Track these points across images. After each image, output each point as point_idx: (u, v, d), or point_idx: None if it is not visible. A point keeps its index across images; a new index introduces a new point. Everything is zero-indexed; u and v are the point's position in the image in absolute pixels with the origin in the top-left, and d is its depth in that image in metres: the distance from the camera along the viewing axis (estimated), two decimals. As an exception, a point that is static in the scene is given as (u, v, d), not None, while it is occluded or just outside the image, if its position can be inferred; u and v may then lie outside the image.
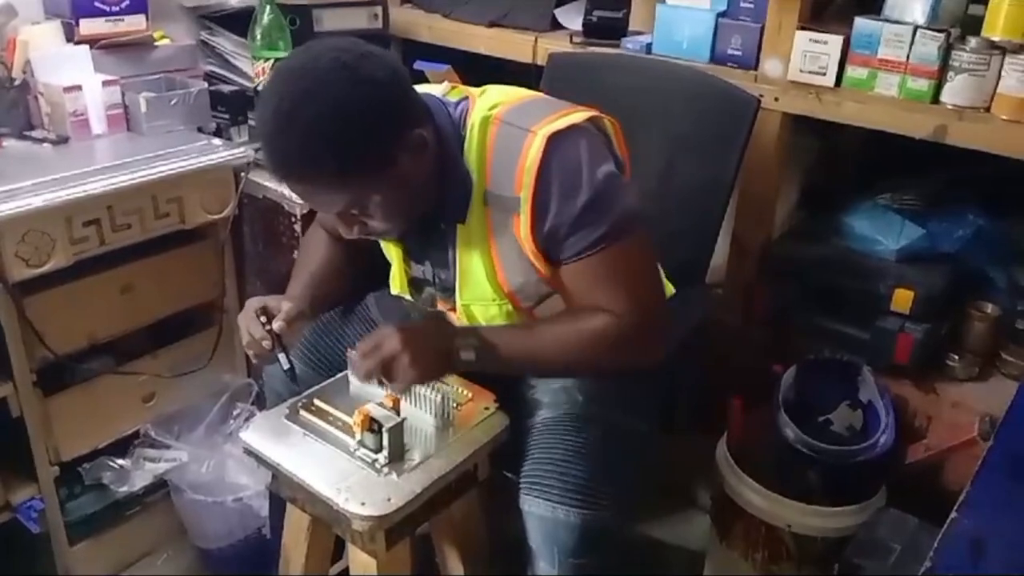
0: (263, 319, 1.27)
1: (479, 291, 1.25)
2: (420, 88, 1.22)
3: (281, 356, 1.28)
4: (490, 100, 1.20)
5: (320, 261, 1.42)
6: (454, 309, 1.33)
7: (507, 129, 1.15)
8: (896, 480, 1.59)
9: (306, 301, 1.33)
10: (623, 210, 1.16)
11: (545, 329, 1.22)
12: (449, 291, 1.30)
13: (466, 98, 1.22)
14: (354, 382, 1.34)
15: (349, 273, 1.43)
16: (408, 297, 1.39)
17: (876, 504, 1.55)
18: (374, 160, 1.08)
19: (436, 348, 1.17)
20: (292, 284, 1.39)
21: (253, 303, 1.29)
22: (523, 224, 1.15)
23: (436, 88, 1.27)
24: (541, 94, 1.26)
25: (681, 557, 1.87)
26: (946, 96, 1.56)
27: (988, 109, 1.53)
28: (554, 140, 1.12)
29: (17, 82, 1.66)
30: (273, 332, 1.26)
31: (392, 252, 1.36)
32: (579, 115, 1.18)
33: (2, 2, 1.67)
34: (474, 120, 1.17)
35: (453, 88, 1.27)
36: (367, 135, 1.05)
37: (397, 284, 1.38)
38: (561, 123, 1.14)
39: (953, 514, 1.03)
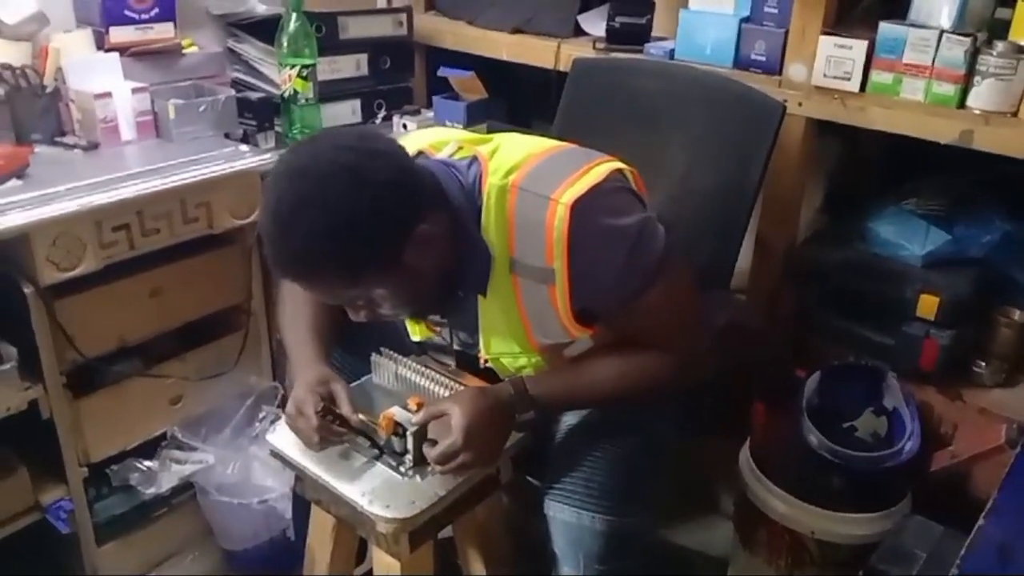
0: (328, 416, 1.21)
1: (506, 348, 1.24)
2: (428, 154, 1.22)
3: (362, 439, 1.24)
4: (503, 163, 1.16)
5: (315, 313, 1.33)
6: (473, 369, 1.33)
7: (526, 197, 1.13)
8: (921, 487, 1.58)
9: (330, 369, 1.27)
10: (658, 254, 1.15)
11: (595, 370, 1.21)
12: (472, 347, 1.29)
13: (475, 159, 1.20)
14: (379, 385, 1.36)
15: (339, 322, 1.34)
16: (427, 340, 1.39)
17: (901, 511, 1.54)
18: (376, 263, 1.06)
19: (497, 432, 1.17)
20: (301, 352, 1.30)
21: (307, 402, 1.19)
22: (560, 295, 1.13)
23: (444, 148, 1.25)
24: (554, 146, 1.23)
25: (704, 563, 1.87)
26: (972, 101, 1.55)
27: (1015, 114, 1.52)
28: (578, 208, 1.09)
29: (49, 89, 1.69)
30: (351, 426, 1.22)
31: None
32: (597, 172, 1.14)
33: (34, 10, 1.70)
34: (489, 189, 1.14)
35: (459, 148, 1.24)
36: (367, 241, 1.03)
37: (418, 332, 1.37)
38: (581, 187, 1.11)
39: (980, 521, 1.02)
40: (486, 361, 1.27)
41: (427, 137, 1.30)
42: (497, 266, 1.16)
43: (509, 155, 1.18)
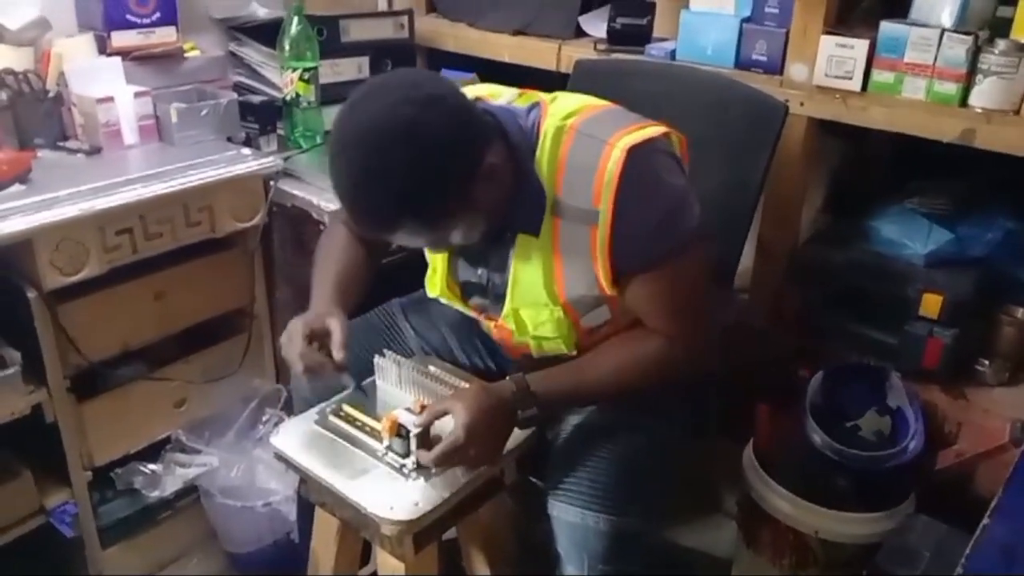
0: (315, 344, 1.24)
1: (532, 298, 1.24)
2: (486, 100, 1.23)
3: (345, 376, 1.28)
4: (563, 108, 1.19)
5: (346, 264, 1.39)
6: (495, 317, 1.32)
7: (583, 139, 1.15)
8: (926, 487, 1.57)
9: (341, 307, 1.31)
10: (691, 227, 1.17)
11: (597, 364, 1.22)
12: (500, 297, 1.29)
13: (537, 104, 1.22)
14: (381, 387, 1.36)
15: (372, 275, 1.42)
16: (446, 301, 1.38)
17: (905, 511, 1.53)
18: (451, 206, 1.09)
19: (499, 430, 1.18)
20: (320, 290, 1.35)
21: (297, 329, 1.24)
22: (601, 237, 1.14)
23: (504, 95, 1.26)
24: (612, 104, 1.25)
25: (708, 563, 1.87)
26: (974, 99, 1.55)
27: (1018, 112, 1.52)
28: (633, 153, 1.11)
29: (51, 94, 1.69)
30: (334, 361, 1.24)
31: (436, 256, 1.34)
32: (653, 129, 1.17)
33: (36, 16, 1.70)
34: (547, 128, 1.16)
35: (521, 95, 1.26)
36: (441, 189, 1.06)
37: (437, 287, 1.36)
38: (638, 136, 1.13)
39: (985, 520, 1.02)
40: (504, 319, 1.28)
41: (482, 89, 1.31)
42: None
43: (568, 103, 1.21)
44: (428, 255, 1.36)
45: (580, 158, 1.14)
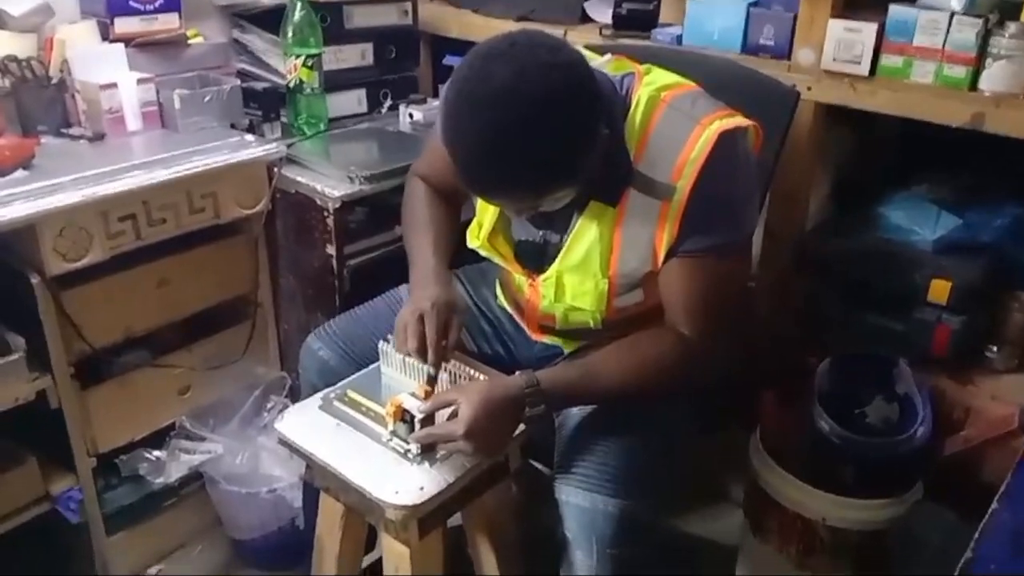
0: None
1: (583, 264, 1.24)
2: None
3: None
4: (657, 81, 1.20)
5: (439, 225, 1.38)
6: (534, 277, 1.31)
7: (674, 114, 1.15)
8: (933, 473, 1.56)
9: (451, 283, 1.32)
10: (750, 229, 1.20)
11: (609, 364, 1.22)
12: (550, 258, 1.28)
13: (630, 73, 1.21)
14: (387, 373, 1.35)
15: (459, 225, 1.41)
16: (485, 253, 1.36)
17: (913, 497, 1.52)
18: (570, 176, 1.10)
19: (504, 425, 1.17)
20: (423, 259, 1.33)
21: (432, 319, 1.22)
22: (672, 214, 1.15)
23: (596, 60, 1.25)
24: (701, 88, 1.25)
25: (714, 551, 1.86)
26: (984, 83, 1.54)
27: (1027, 96, 1.51)
28: (723, 138, 1.12)
29: (54, 80, 1.68)
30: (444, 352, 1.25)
31: (488, 209, 1.32)
32: (742, 119, 1.18)
33: (39, 2, 1.69)
34: (640, 96, 1.17)
35: (613, 61, 1.25)
36: (572, 157, 1.06)
37: (479, 239, 1.34)
38: (730, 123, 1.14)
39: (994, 505, 1.01)
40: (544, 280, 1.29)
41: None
42: None
43: (663, 76, 1.22)
44: (477, 207, 1.34)
45: (668, 131, 1.15)
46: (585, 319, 1.30)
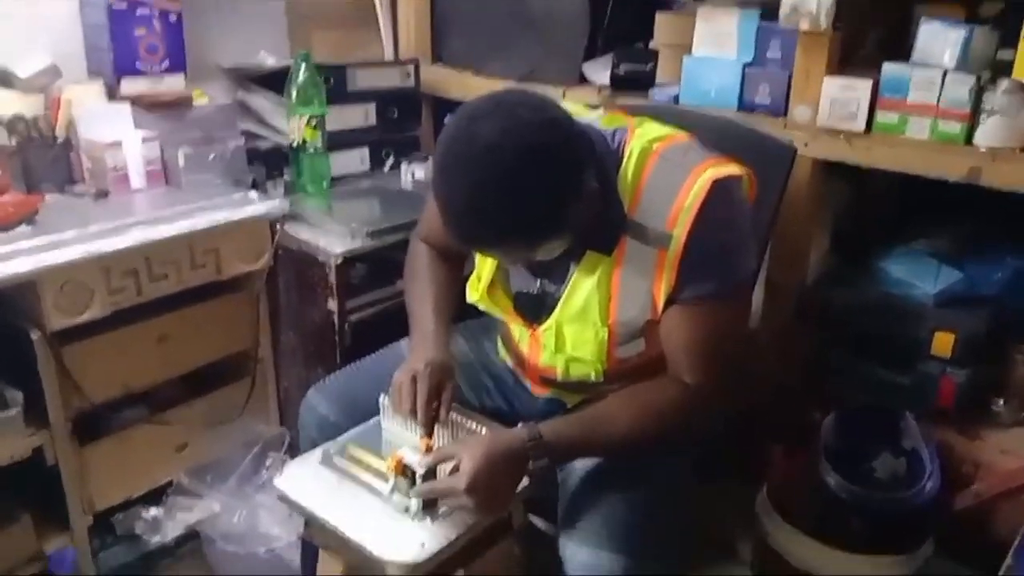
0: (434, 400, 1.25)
1: (582, 313, 1.24)
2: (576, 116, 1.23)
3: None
4: (649, 133, 1.21)
5: (440, 287, 1.40)
6: (535, 328, 1.31)
7: (666, 164, 1.17)
8: (944, 528, 1.54)
9: (448, 345, 1.33)
10: (748, 274, 1.21)
11: (612, 415, 1.21)
12: (548, 308, 1.28)
13: (623, 127, 1.23)
14: (387, 427, 1.34)
15: (460, 286, 1.41)
16: (484, 307, 1.36)
17: (924, 553, 1.50)
18: (559, 227, 1.10)
19: (506, 480, 1.15)
20: (424, 322, 1.35)
21: (425, 381, 1.24)
22: (669, 260, 1.15)
23: (588, 115, 1.27)
24: (694, 137, 1.27)
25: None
26: (979, 138, 1.56)
27: (1023, 150, 1.52)
28: (717, 187, 1.13)
29: (60, 139, 1.71)
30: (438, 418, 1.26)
31: (487, 263, 1.33)
32: (735, 167, 1.19)
33: (47, 64, 1.72)
34: (633, 148, 1.18)
35: (606, 116, 1.27)
36: (558, 210, 1.07)
37: (478, 294, 1.35)
38: (723, 171, 1.16)
39: (1008, 560, 1.00)
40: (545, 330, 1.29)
41: (567, 107, 1.29)
42: None
43: (654, 129, 1.24)
44: (476, 261, 1.36)
45: (661, 181, 1.16)
46: (586, 371, 1.29)
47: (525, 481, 1.19)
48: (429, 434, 1.24)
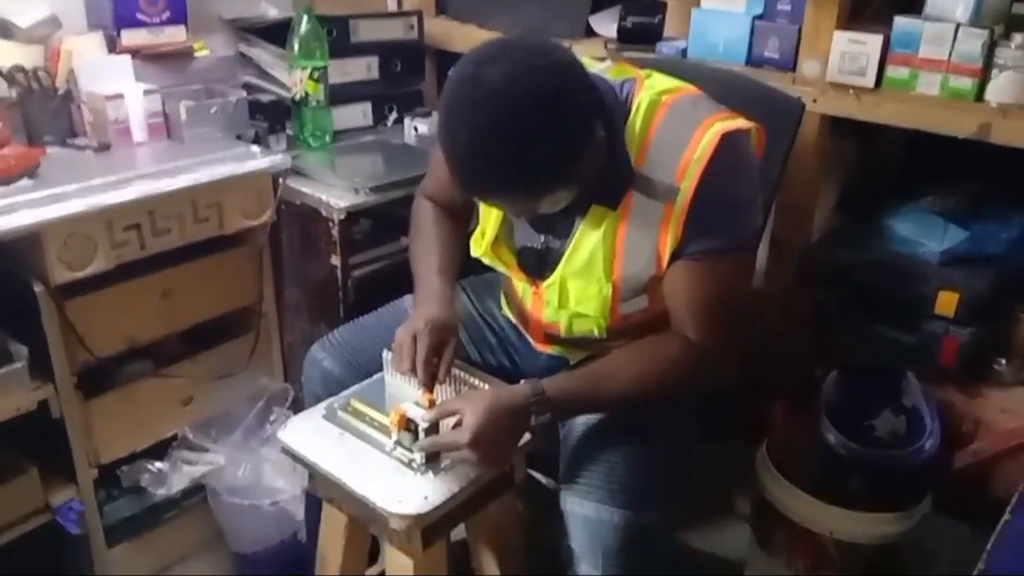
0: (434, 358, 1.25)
1: (586, 268, 1.24)
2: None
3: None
4: (658, 85, 1.20)
5: (445, 245, 1.41)
6: (538, 284, 1.31)
7: (675, 117, 1.16)
8: (943, 486, 1.55)
9: (451, 303, 1.33)
10: (754, 230, 1.20)
11: (615, 370, 1.21)
12: (554, 263, 1.28)
13: (631, 79, 1.22)
14: (391, 382, 1.34)
15: (466, 243, 1.41)
16: (488, 261, 1.36)
17: (922, 511, 1.51)
18: (566, 175, 1.09)
19: (509, 435, 1.15)
20: (428, 279, 1.35)
21: (426, 338, 1.24)
22: (676, 212, 1.14)
23: (596, 66, 1.25)
24: (700, 91, 1.25)
25: (721, 566, 1.84)
26: (990, 94, 1.54)
27: (1034, 106, 1.51)
28: (727, 140, 1.13)
29: (61, 91, 1.69)
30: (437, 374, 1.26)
31: (491, 217, 1.33)
32: (744, 121, 1.18)
33: (47, 14, 1.70)
34: (641, 100, 1.17)
35: (614, 68, 1.25)
36: (560, 168, 1.07)
37: (482, 248, 1.35)
38: (732, 124, 1.15)
39: (1006, 516, 1.00)
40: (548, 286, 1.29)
41: None
42: None
43: (663, 81, 1.23)
44: (481, 216, 1.35)
45: (669, 134, 1.15)
46: (589, 327, 1.29)
47: (527, 436, 1.20)
48: (430, 391, 1.24)
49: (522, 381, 1.19)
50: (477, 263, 1.39)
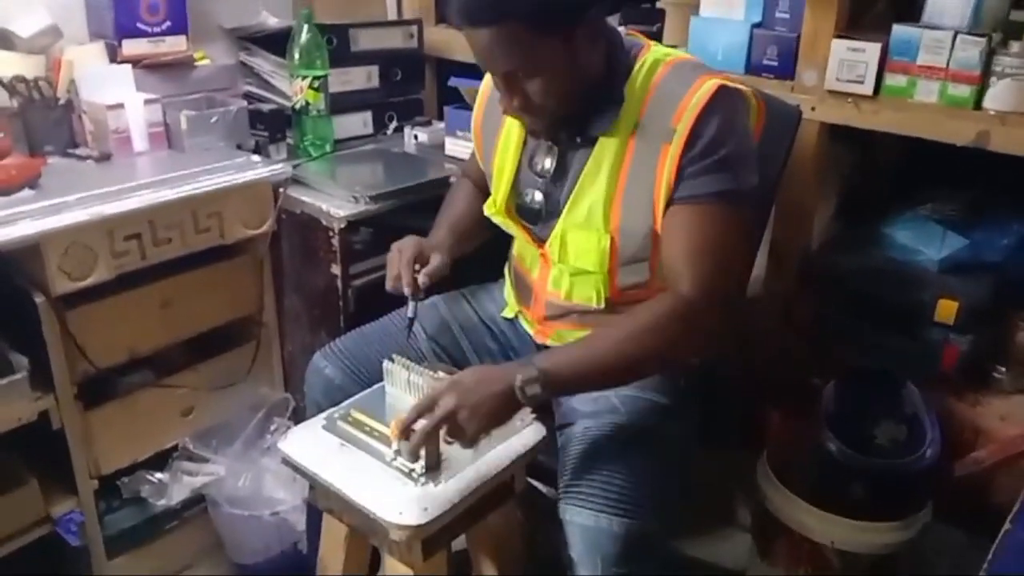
0: (416, 266, 1.37)
1: (586, 217, 1.27)
2: None
3: (411, 304, 1.38)
4: (664, 50, 1.28)
5: (464, 210, 1.52)
6: (542, 245, 1.34)
7: (677, 71, 1.23)
8: (944, 495, 1.55)
9: (448, 251, 1.42)
10: (748, 185, 1.22)
11: (606, 332, 1.19)
12: (554, 215, 1.31)
13: (640, 43, 1.29)
14: (391, 392, 1.34)
15: (486, 222, 1.45)
16: (500, 222, 1.41)
17: (923, 519, 1.51)
18: (559, 24, 1.13)
19: (495, 393, 1.13)
20: (437, 231, 1.48)
21: (410, 247, 1.38)
22: (671, 153, 1.19)
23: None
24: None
25: (721, 575, 1.84)
26: (988, 102, 1.54)
27: (1032, 114, 1.51)
28: (722, 91, 1.19)
29: (62, 101, 1.69)
30: (416, 283, 1.36)
31: (505, 170, 1.38)
32: (743, 86, 1.25)
33: (48, 24, 1.70)
34: (646, 58, 1.25)
35: (629, 34, 1.32)
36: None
37: (495, 206, 1.41)
38: (730, 83, 1.21)
39: (1007, 525, 1.00)
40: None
41: None
42: (623, 123, 1.23)
43: (669, 49, 1.31)
44: (493, 178, 1.41)
45: (670, 85, 1.22)
46: (588, 293, 1.31)
47: (528, 442, 1.20)
48: (414, 297, 1.36)
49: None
50: (476, 273, 1.40)
